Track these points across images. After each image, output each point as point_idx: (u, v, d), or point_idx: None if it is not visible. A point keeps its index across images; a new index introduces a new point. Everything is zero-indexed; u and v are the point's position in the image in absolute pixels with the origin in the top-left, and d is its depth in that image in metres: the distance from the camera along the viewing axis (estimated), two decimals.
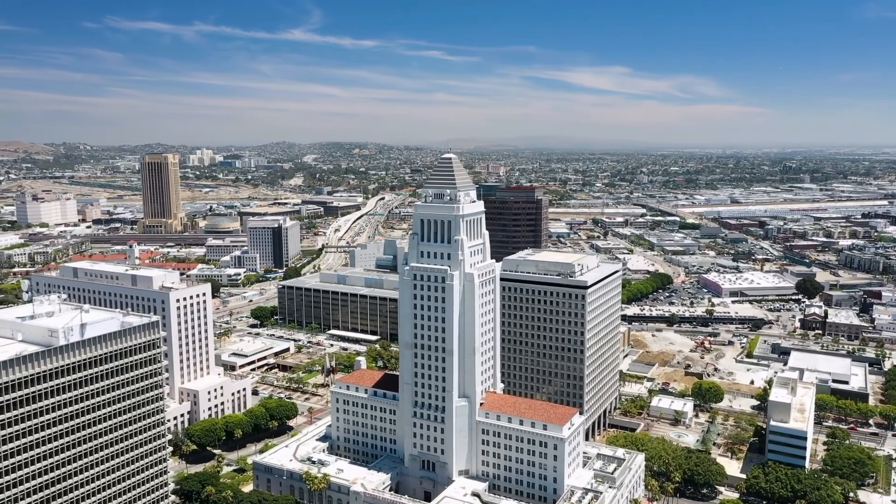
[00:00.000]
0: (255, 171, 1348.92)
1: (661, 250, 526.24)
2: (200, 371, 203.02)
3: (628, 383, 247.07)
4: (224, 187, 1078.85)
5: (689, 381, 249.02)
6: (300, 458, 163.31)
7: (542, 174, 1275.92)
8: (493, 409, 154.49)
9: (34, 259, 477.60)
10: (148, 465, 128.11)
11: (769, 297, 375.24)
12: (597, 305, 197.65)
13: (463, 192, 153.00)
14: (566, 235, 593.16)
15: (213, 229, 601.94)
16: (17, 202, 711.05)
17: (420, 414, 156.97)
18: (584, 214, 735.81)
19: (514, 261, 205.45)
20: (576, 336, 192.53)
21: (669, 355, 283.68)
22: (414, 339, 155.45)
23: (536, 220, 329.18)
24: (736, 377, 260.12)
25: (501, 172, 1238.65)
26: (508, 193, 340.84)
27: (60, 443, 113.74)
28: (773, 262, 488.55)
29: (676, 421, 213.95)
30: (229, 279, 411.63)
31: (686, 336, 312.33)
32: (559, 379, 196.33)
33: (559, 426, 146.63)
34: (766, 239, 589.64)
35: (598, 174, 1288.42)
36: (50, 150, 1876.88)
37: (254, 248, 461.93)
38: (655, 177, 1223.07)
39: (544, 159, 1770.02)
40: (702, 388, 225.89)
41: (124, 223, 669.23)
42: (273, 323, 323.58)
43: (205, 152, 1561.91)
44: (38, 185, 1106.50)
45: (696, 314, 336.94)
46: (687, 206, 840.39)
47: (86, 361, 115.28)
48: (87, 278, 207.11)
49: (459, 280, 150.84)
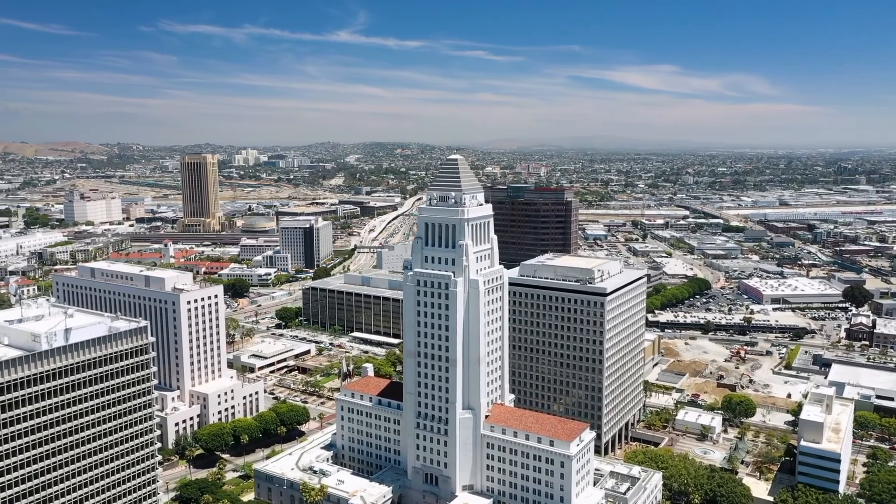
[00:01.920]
0: (298, 170, 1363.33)
1: (701, 254, 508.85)
2: (212, 374, 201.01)
3: (655, 394, 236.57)
4: (266, 187, 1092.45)
5: (721, 392, 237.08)
6: (302, 467, 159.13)
7: (583, 174, 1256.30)
8: (499, 422, 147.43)
9: (75, 257, 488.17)
10: (136, 474, 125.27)
11: (813, 305, 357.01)
12: (618, 313, 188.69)
13: (469, 194, 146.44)
14: (603, 238, 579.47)
15: (249, 229, 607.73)
16: (66, 201, 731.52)
17: (423, 425, 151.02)
18: (624, 216, 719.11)
19: (531, 265, 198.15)
20: (594, 345, 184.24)
21: (702, 365, 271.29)
22: (417, 348, 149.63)
23: (566, 222, 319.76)
24: (772, 390, 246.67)
25: (542, 172, 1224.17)
26: (537, 195, 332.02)
27: (42, 450, 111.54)
28: (821, 267, 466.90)
29: (703, 436, 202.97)
30: (259, 279, 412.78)
31: (721, 345, 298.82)
32: (577, 390, 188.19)
33: (566, 442, 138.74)
34: (815, 243, 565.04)
35: (642, 175, 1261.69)
36: (104, 150, 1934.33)
37: (285, 247, 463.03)
38: (701, 178, 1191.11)
39: (587, 159, 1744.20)
40: (732, 402, 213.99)
41: (165, 222, 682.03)
42: (297, 324, 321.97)
43: (249, 152, 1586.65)
44: (90, 184, 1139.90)
45: (734, 322, 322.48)
46: (732, 208, 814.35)
47: (69, 367, 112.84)
48: (104, 278, 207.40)
49: (464, 286, 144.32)
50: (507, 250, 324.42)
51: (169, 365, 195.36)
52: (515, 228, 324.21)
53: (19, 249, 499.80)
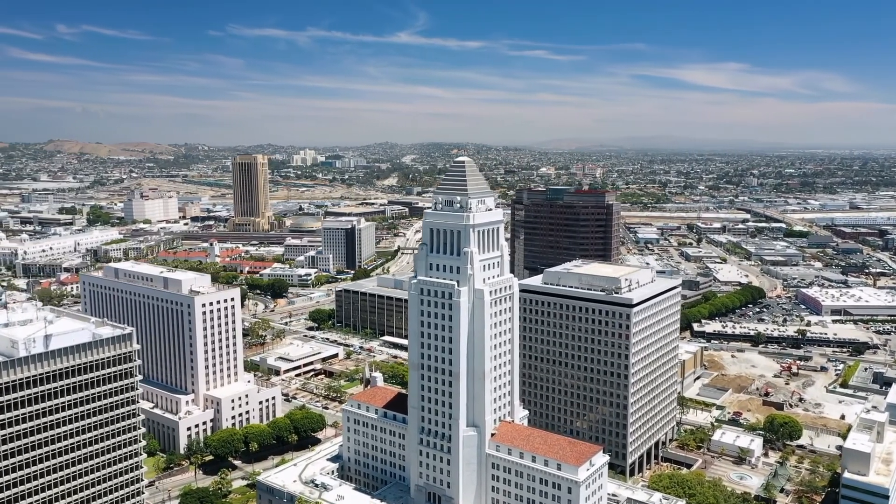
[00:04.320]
0: (354, 171, 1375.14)
1: (758, 260, 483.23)
2: (227, 378, 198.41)
3: (694, 410, 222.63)
4: (320, 187, 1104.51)
5: (767, 411, 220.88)
6: (304, 480, 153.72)
7: (641, 176, 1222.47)
8: (505, 441, 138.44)
9: (128, 254, 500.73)
10: (119, 486, 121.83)
11: (878, 318, 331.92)
12: (646, 325, 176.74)
13: (475, 199, 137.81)
14: (655, 241, 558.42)
15: (296, 228, 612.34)
16: (126, 199, 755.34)
17: (426, 441, 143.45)
18: (679, 219, 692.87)
19: (555, 273, 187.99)
20: (619, 359, 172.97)
21: (748, 380, 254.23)
22: (421, 360, 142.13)
23: (606, 226, 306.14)
24: (824, 410, 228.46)
25: (598, 174, 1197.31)
26: (577, 197, 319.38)
27: (19, 459, 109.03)
28: (891, 276, 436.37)
29: (741, 459, 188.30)
30: (300, 279, 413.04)
31: (771, 358, 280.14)
32: (602, 406, 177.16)
33: (574, 467, 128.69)
34: (886, 250, 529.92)
35: (703, 176, 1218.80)
36: (172, 151, 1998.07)
37: (327, 248, 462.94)
38: (766, 179, 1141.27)
39: (647, 160, 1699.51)
40: (775, 422, 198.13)
41: (218, 221, 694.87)
42: (329, 326, 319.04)
43: (307, 152, 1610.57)
44: (154, 183, 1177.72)
45: (787, 334, 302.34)
46: (797, 211, 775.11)
47: (48, 374, 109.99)
48: (126, 279, 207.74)
49: (468, 296, 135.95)
50: (544, 255, 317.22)
51: (184, 368, 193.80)
52: (554, 232, 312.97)
53: (76, 247, 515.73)
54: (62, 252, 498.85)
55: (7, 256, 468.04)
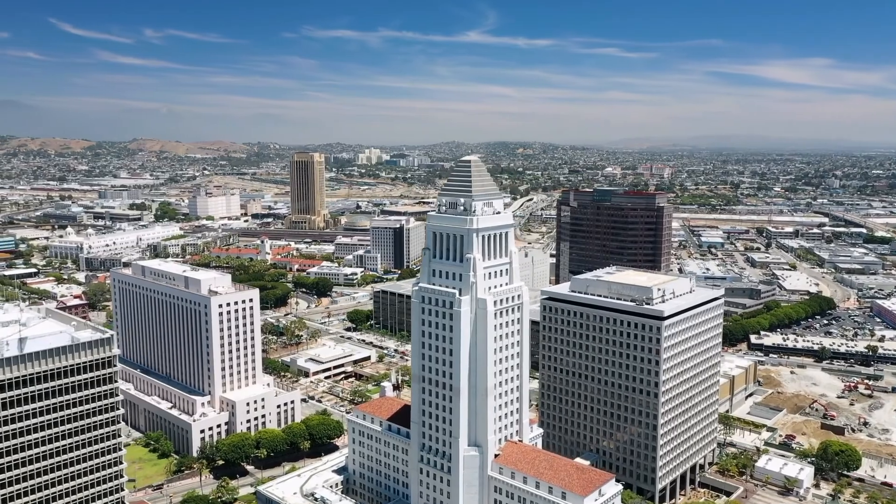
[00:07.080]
0: (417, 169, 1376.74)
1: (832, 267, 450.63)
2: (245, 380, 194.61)
3: (741, 431, 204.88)
4: (382, 185, 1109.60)
5: (825, 435, 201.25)
6: (305, 493, 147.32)
7: (712, 176, 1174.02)
8: (509, 463, 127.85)
9: (185, 250, 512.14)
10: (98, 495, 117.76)
11: None
12: (681, 339, 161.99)
13: (481, 201, 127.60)
14: (719, 245, 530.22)
15: (350, 227, 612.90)
16: (191, 196, 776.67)
17: (426, 459, 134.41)
18: (749, 222, 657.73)
19: (583, 280, 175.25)
20: (649, 375, 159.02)
21: (806, 399, 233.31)
22: (422, 372, 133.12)
23: (656, 229, 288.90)
24: (892, 437, 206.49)
25: (666, 174, 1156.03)
26: (625, 199, 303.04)
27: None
28: None
29: (787, 490, 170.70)
30: (346, 278, 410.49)
31: (836, 376, 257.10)
32: (630, 425, 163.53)
33: (580, 496, 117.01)
34: None
35: (780, 177, 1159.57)
36: (245, 149, 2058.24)
37: (375, 247, 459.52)
38: (850, 181, 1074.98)
39: (721, 160, 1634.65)
40: (829, 450, 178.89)
41: (277, 218, 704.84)
42: (367, 328, 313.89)
43: (372, 151, 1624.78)
44: (223, 180, 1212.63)
45: (856, 349, 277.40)
46: (882, 215, 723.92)
47: (20, 379, 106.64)
48: (152, 278, 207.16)
49: (470, 306, 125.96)
50: (590, 260, 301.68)
51: (201, 369, 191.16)
52: (599, 236, 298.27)
53: (138, 242, 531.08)
54: (124, 247, 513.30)
55: (73, 250, 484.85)
